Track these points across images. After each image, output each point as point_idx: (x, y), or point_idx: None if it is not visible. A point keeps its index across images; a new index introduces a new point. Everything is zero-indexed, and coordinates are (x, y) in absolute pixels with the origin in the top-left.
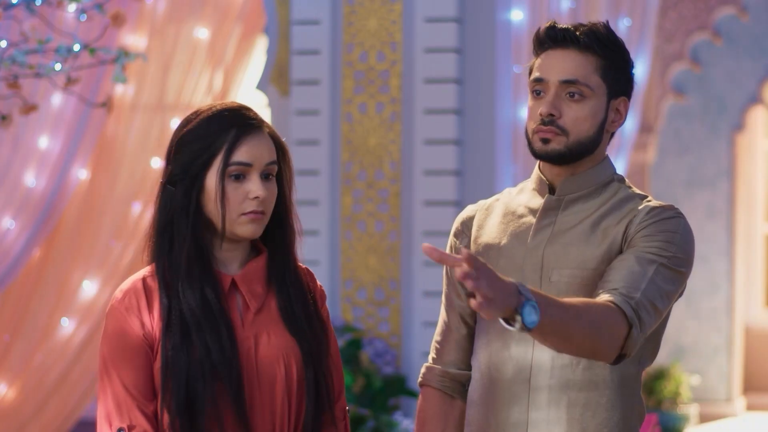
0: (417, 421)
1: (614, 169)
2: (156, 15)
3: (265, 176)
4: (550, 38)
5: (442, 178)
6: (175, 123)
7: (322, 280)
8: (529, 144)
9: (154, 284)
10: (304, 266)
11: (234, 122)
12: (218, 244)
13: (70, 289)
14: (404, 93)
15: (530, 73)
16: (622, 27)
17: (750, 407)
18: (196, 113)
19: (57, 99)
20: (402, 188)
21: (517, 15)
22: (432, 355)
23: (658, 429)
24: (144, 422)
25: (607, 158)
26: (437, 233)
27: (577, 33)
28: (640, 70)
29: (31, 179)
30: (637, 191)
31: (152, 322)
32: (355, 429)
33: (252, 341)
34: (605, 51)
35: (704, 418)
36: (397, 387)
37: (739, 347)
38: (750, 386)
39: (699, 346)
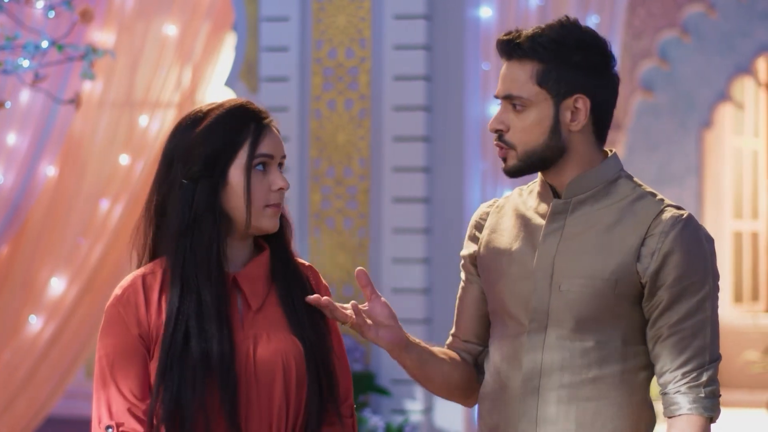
0: None
1: (620, 166)
2: (124, 11)
3: (279, 168)
4: (499, 51)
5: (411, 174)
6: (143, 120)
7: None
8: None
9: (154, 282)
10: (307, 263)
11: (252, 117)
12: (229, 241)
13: (38, 287)
14: (373, 90)
15: None
16: (590, 24)
17: (721, 404)
18: (203, 111)
19: (25, 96)
20: (371, 185)
21: (486, 12)
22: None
23: None
24: (133, 422)
25: (612, 156)
26: (406, 230)
27: (518, 41)
28: None
29: None
30: (648, 189)
31: (150, 321)
32: None
33: (251, 342)
34: (546, 54)
35: None
36: (365, 384)
37: None
38: (720, 383)
39: None
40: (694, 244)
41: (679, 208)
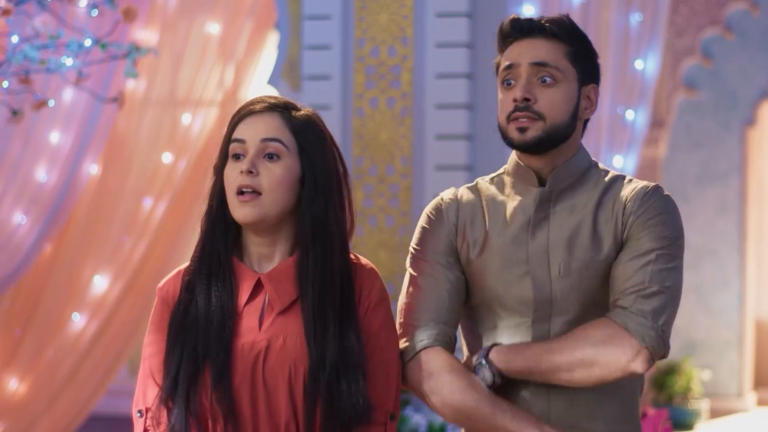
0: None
1: (590, 155)
2: (167, 10)
3: (269, 156)
4: (516, 29)
5: (453, 173)
6: (186, 118)
7: None
8: (504, 135)
9: None
10: (368, 265)
11: (241, 109)
12: (251, 238)
13: (81, 284)
14: (415, 88)
15: (497, 68)
16: (633, 22)
17: (761, 402)
18: None
19: (68, 94)
20: (413, 183)
21: (529, 10)
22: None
23: (669, 424)
24: (159, 410)
25: (582, 146)
26: None
27: (542, 22)
28: (652, 65)
29: (42, 174)
30: (616, 172)
31: None
32: None
33: (264, 345)
34: (571, 38)
35: (715, 413)
36: None
37: (750, 342)
38: (761, 381)
39: (710, 341)
40: (664, 205)
41: (648, 183)
